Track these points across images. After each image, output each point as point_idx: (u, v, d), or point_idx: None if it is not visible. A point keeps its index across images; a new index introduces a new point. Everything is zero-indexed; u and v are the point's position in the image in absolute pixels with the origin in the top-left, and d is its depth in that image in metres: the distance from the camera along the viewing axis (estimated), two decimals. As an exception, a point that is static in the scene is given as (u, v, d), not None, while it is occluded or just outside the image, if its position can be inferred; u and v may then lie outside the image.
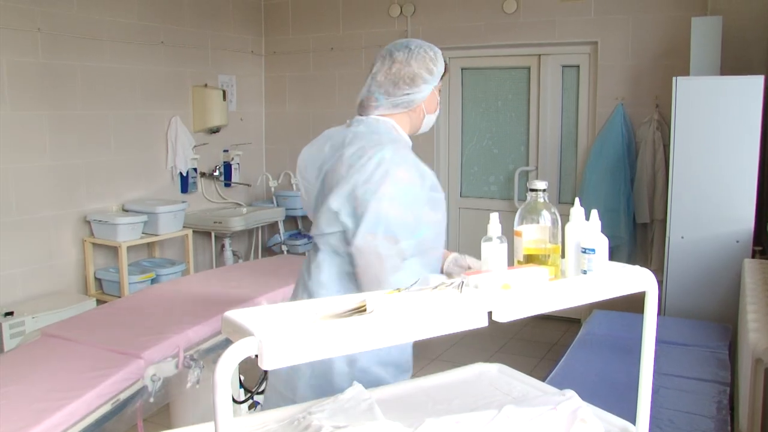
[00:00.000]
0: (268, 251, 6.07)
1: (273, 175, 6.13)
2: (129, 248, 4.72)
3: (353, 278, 1.87)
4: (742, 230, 3.84)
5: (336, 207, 1.81)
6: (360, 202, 1.76)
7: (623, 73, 4.86)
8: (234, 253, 5.76)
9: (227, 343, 1.15)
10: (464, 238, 5.69)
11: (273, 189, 6.04)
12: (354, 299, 1.30)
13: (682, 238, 3.98)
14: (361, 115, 1.95)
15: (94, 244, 4.77)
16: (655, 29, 4.73)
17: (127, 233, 4.68)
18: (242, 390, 2.94)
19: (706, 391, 2.81)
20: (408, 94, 1.89)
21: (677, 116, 3.93)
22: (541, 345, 4.75)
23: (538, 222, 1.51)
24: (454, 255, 2.03)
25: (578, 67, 5.14)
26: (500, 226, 1.48)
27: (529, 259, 1.51)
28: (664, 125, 4.62)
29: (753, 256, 3.83)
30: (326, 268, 1.92)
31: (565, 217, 1.58)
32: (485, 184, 5.60)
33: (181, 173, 5.45)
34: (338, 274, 1.91)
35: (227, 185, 5.94)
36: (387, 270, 1.77)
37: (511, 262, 1.51)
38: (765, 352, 2.37)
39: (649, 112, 4.72)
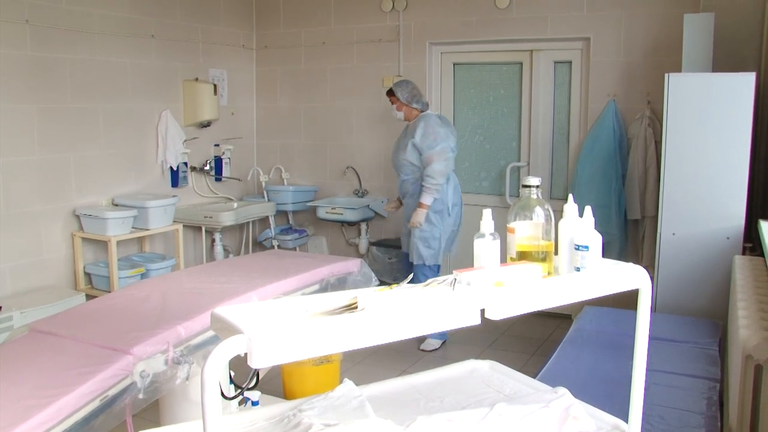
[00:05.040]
0: (259, 246, 6.04)
1: (264, 169, 6.10)
2: (119, 243, 4.69)
3: None
4: (732, 227, 3.86)
5: None
6: None
7: (615, 70, 4.86)
8: (224, 248, 5.73)
9: (217, 338, 1.14)
10: (456, 234, 5.68)
11: (264, 184, 6.01)
12: (345, 296, 1.29)
13: (673, 234, 3.99)
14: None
15: (84, 239, 4.73)
16: (647, 26, 4.73)
17: (117, 228, 4.65)
18: (232, 386, 2.92)
19: (696, 388, 2.82)
20: None
21: (669, 113, 3.93)
22: (532, 341, 4.76)
23: (531, 218, 1.51)
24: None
25: (570, 63, 5.13)
26: (493, 222, 1.47)
27: (522, 255, 1.50)
28: (655, 122, 4.63)
29: (743, 253, 3.84)
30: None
31: (557, 213, 1.57)
32: (476, 180, 5.59)
33: (171, 167, 5.41)
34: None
35: (218, 180, 5.90)
36: None
37: (503, 259, 1.50)
38: (755, 349, 2.37)
39: (641, 108, 4.72)
